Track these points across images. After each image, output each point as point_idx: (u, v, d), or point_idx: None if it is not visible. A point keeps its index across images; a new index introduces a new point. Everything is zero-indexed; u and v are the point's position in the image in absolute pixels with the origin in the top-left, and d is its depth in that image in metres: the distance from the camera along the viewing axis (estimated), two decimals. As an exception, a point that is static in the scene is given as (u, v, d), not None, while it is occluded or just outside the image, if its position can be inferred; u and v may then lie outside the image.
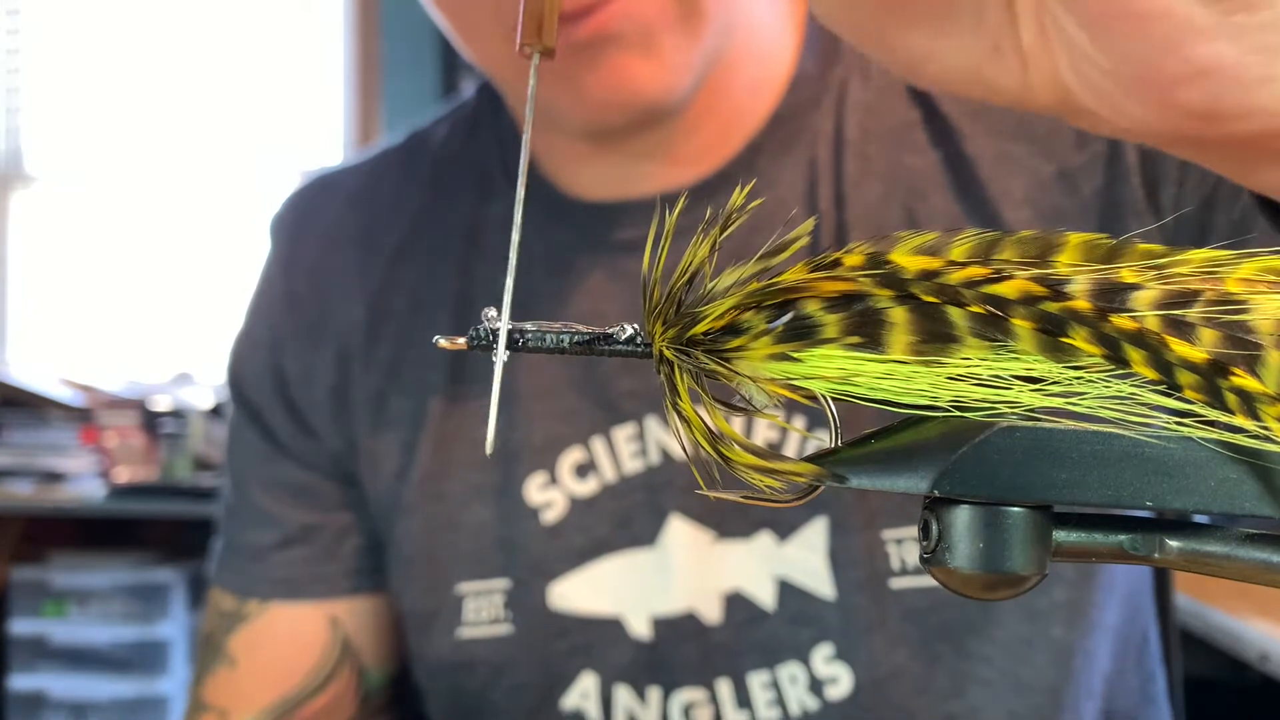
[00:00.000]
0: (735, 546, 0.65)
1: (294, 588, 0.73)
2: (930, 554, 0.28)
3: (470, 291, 0.71)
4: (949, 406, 0.27)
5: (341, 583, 0.74)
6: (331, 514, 0.74)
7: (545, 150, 0.71)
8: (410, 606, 0.71)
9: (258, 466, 0.75)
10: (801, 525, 0.65)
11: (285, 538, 0.73)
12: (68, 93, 3.39)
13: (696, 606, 0.66)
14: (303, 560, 0.73)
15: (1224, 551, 0.28)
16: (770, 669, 0.65)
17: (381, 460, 0.71)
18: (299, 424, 0.73)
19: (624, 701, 0.67)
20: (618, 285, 0.68)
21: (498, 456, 0.68)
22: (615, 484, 0.67)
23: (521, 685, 0.68)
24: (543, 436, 0.68)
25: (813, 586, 0.65)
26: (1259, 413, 0.25)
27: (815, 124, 0.68)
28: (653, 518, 0.66)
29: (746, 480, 0.29)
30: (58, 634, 2.65)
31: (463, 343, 0.30)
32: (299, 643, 0.73)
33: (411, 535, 0.70)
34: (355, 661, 0.74)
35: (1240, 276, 0.27)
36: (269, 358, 0.74)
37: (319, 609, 0.74)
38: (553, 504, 0.68)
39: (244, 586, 0.74)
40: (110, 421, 2.84)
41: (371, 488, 0.72)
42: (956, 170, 0.66)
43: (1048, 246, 0.28)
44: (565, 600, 0.67)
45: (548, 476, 0.68)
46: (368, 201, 0.76)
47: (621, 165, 0.69)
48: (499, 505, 0.68)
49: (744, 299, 0.29)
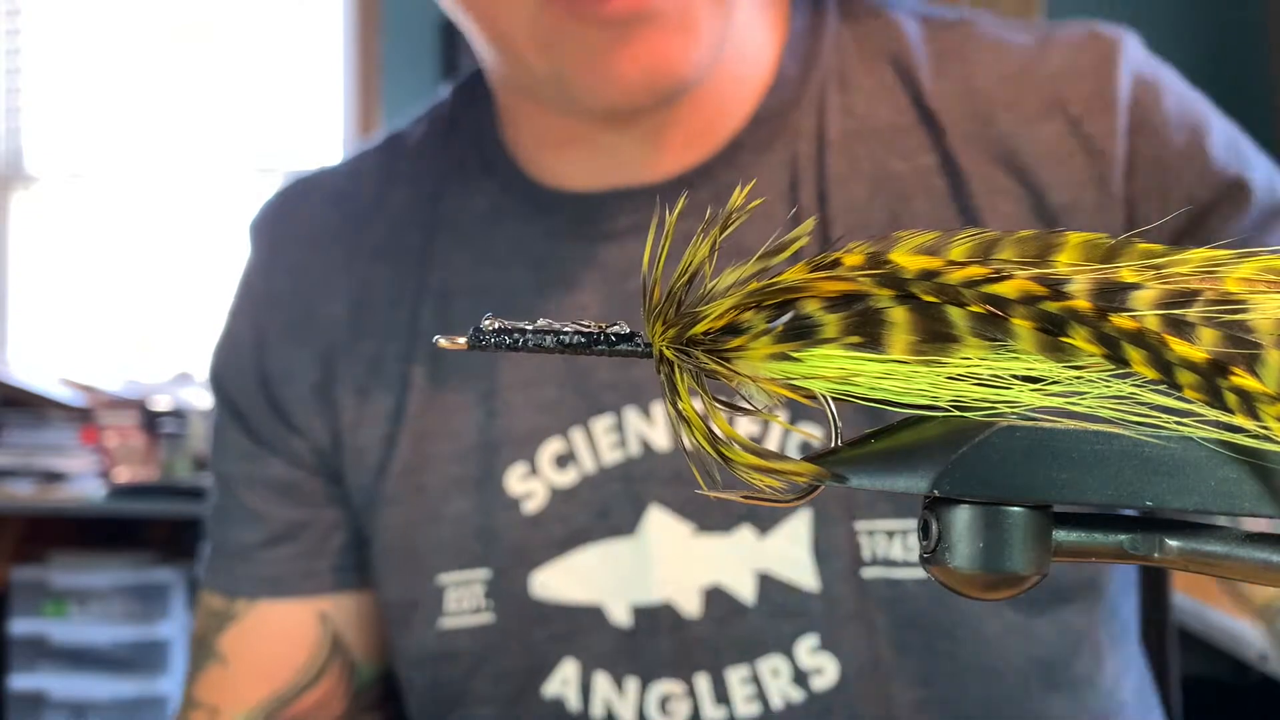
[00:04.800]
0: (715, 540, 0.66)
1: (281, 585, 0.73)
2: (930, 554, 0.28)
3: (451, 284, 0.71)
4: (949, 406, 0.27)
5: (329, 578, 0.74)
6: (318, 510, 0.74)
7: (517, 141, 0.72)
8: (391, 597, 0.71)
9: (242, 466, 0.75)
10: (784, 519, 0.65)
11: (272, 535, 0.74)
12: (68, 93, 3.39)
13: (675, 599, 0.66)
14: (290, 557, 0.73)
15: (1224, 551, 0.28)
16: (750, 663, 0.65)
17: (364, 454, 0.71)
18: (283, 422, 0.74)
19: (603, 690, 0.67)
20: (598, 275, 0.68)
21: (478, 448, 0.69)
22: (594, 474, 0.67)
23: (503, 673, 0.69)
24: (523, 427, 0.68)
25: (796, 579, 0.65)
26: (1259, 412, 0.25)
27: (796, 123, 0.68)
28: (632, 508, 0.67)
29: (746, 480, 0.29)
30: (58, 634, 2.65)
31: (463, 342, 0.30)
32: (289, 639, 0.74)
33: (392, 527, 0.70)
34: (346, 657, 0.74)
35: (1240, 276, 0.27)
36: (252, 357, 0.74)
37: (308, 605, 0.74)
38: (533, 494, 0.68)
39: (231, 586, 0.74)
40: (110, 421, 2.84)
41: (354, 482, 0.72)
42: (947, 177, 0.66)
43: (1047, 246, 0.28)
44: (546, 589, 0.68)
45: (528, 467, 0.68)
46: (347, 201, 0.76)
47: (602, 156, 0.69)
48: (479, 496, 0.69)
49: (744, 299, 0.29)
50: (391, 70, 3.22)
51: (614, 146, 0.68)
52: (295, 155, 3.32)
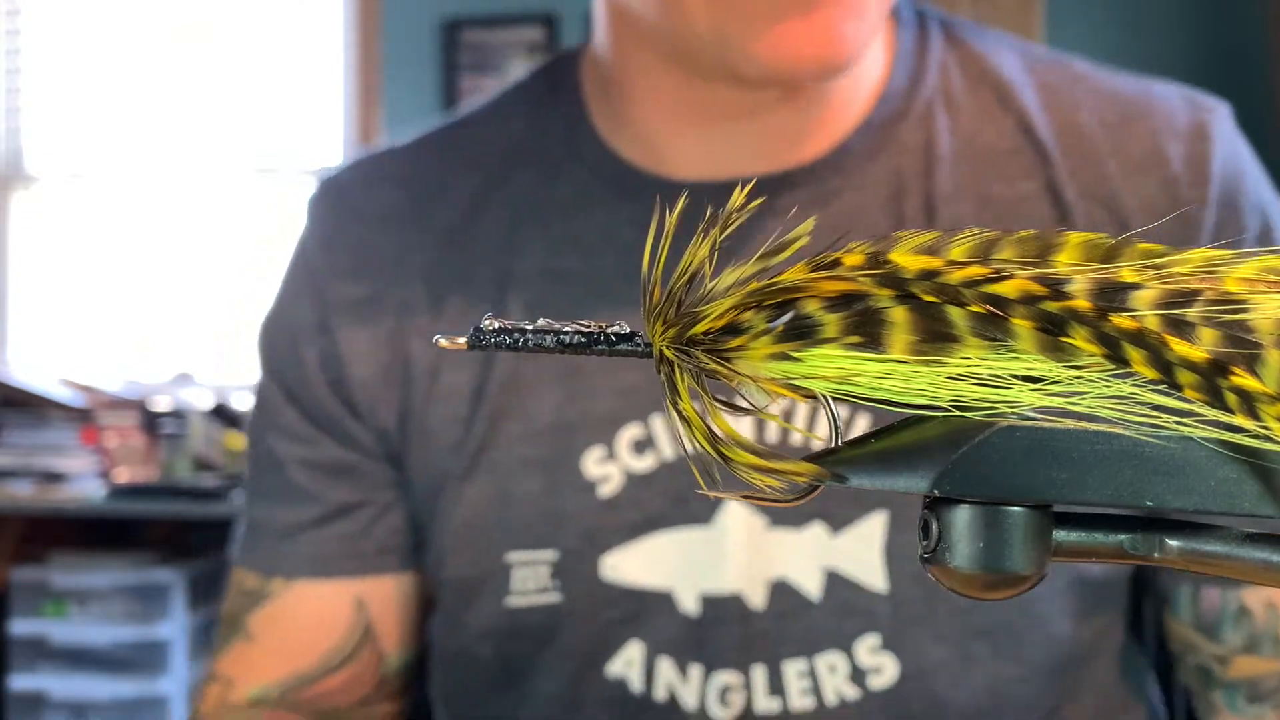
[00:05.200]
0: (787, 535, 0.66)
1: (323, 565, 0.73)
2: (930, 553, 0.28)
3: (536, 269, 0.71)
4: (949, 406, 0.27)
5: (372, 561, 0.73)
6: (372, 492, 0.73)
7: (616, 129, 0.72)
8: (455, 574, 0.71)
9: (296, 447, 0.74)
10: (858, 519, 0.66)
11: (323, 515, 0.73)
12: (68, 93, 3.39)
13: (744, 590, 0.67)
14: (336, 538, 0.73)
15: (1224, 551, 0.28)
16: (808, 658, 0.66)
17: (435, 434, 0.71)
18: (346, 404, 0.73)
19: (666, 674, 0.68)
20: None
21: (553, 429, 0.69)
22: (673, 461, 0.68)
23: (568, 651, 0.69)
24: (603, 411, 0.68)
25: (863, 578, 0.65)
26: (1259, 412, 0.25)
27: (903, 135, 0.70)
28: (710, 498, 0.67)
29: (746, 480, 0.29)
30: (58, 634, 2.65)
31: (463, 342, 0.30)
32: (321, 621, 0.73)
33: (461, 504, 0.70)
34: (376, 646, 0.74)
35: (1240, 276, 0.27)
36: (314, 338, 0.74)
37: (345, 589, 0.73)
38: (609, 478, 0.68)
39: (270, 564, 0.74)
40: (110, 422, 2.84)
41: (420, 462, 0.72)
42: (1052, 207, 0.68)
43: (1047, 246, 0.28)
44: (617, 571, 0.68)
45: (606, 451, 0.68)
46: (415, 182, 0.76)
47: (713, 144, 0.69)
48: (550, 477, 0.69)
49: (744, 299, 0.29)
50: (391, 70, 3.22)
51: (727, 136, 0.69)
52: (295, 155, 3.33)
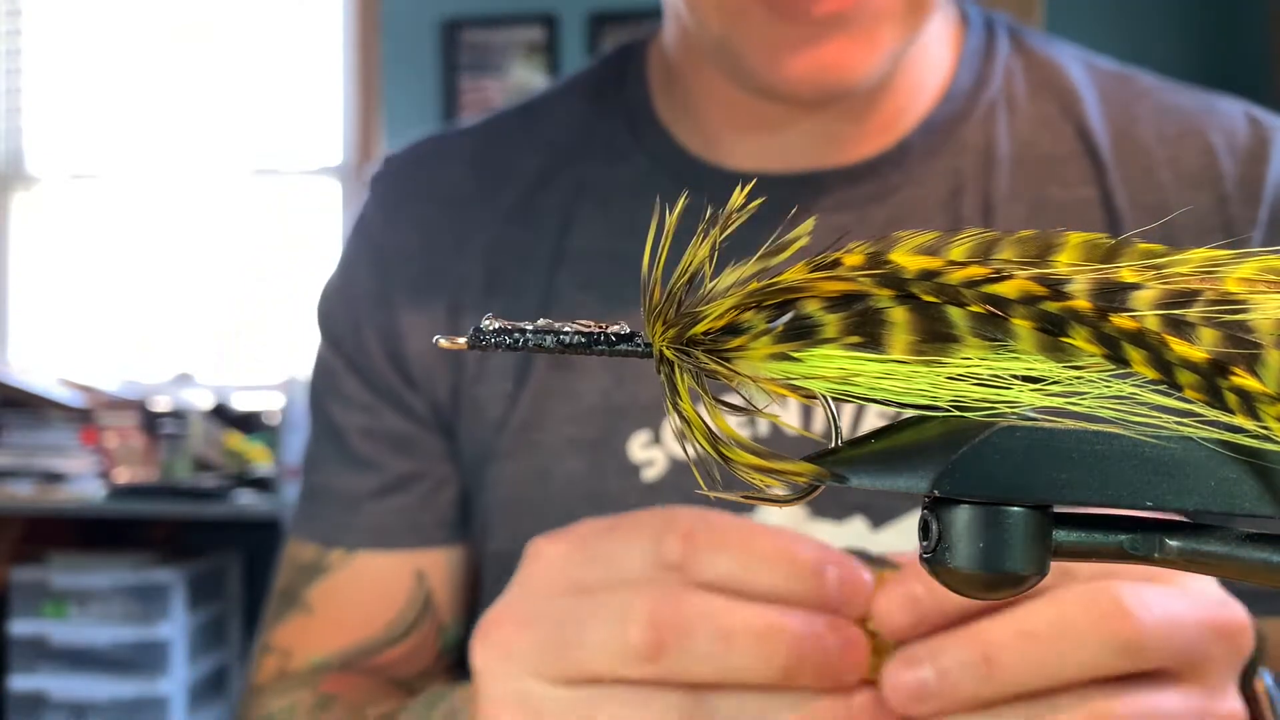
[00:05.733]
0: (827, 526, 0.66)
1: (385, 536, 0.74)
2: (930, 554, 0.28)
3: (590, 250, 0.72)
4: (949, 406, 0.27)
5: (435, 533, 0.74)
6: (431, 464, 0.74)
7: (678, 119, 0.73)
8: (499, 548, 0.72)
9: (358, 416, 0.75)
10: (901, 514, 0.66)
11: (383, 485, 0.74)
12: (68, 93, 3.39)
13: None
14: (399, 509, 0.74)
15: (1224, 551, 0.28)
16: None
17: (484, 408, 0.72)
18: (403, 376, 0.74)
19: None
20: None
21: (600, 411, 0.70)
22: None
23: None
24: (651, 396, 0.69)
25: None
26: (1259, 412, 0.25)
27: (963, 135, 0.70)
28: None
29: (747, 480, 0.29)
30: (58, 634, 2.65)
31: (463, 342, 0.31)
32: (382, 593, 0.74)
33: (503, 481, 0.71)
34: (436, 617, 0.75)
35: (1240, 276, 0.27)
36: (374, 310, 0.75)
37: (406, 561, 0.74)
38: (654, 462, 0.69)
39: (330, 535, 0.74)
40: (110, 422, 2.84)
41: (469, 435, 0.73)
42: (1104, 212, 0.68)
43: (1047, 246, 0.28)
44: None
45: (652, 435, 0.69)
46: (482, 163, 0.77)
47: (774, 138, 0.70)
48: (593, 458, 0.69)
49: (744, 299, 0.29)
50: (391, 70, 3.22)
51: (785, 131, 0.70)
52: (295, 155, 3.33)
